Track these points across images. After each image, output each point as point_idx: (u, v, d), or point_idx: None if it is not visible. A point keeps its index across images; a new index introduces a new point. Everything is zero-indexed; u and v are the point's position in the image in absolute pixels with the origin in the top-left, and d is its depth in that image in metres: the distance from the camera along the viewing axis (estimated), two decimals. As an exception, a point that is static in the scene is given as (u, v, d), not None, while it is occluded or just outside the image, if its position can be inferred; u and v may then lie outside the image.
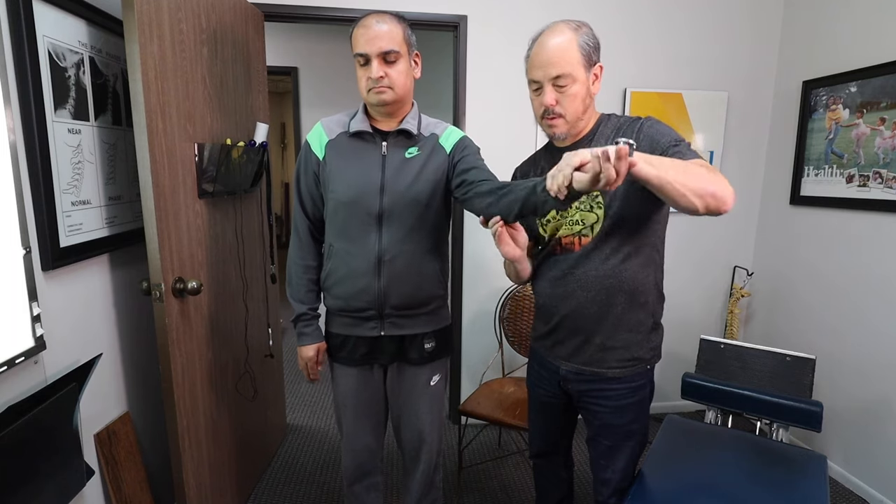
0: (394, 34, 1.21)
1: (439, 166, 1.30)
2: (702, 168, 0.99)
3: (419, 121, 1.33)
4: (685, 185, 0.93)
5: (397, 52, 1.21)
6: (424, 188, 1.28)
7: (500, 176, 1.47)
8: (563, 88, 1.13)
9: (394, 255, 1.27)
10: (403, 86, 1.25)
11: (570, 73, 1.12)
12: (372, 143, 1.29)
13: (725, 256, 2.68)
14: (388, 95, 1.23)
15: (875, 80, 2.00)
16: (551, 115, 1.17)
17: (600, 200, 1.18)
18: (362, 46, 1.20)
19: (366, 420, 1.43)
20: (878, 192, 2.00)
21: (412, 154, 1.29)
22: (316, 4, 2.18)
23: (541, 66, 1.14)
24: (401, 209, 1.26)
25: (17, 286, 1.12)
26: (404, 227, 1.27)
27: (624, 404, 1.26)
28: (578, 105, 1.16)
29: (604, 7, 2.37)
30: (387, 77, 1.21)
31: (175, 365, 1.44)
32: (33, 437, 1.12)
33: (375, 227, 1.27)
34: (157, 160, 1.35)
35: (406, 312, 1.33)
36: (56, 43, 1.28)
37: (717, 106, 2.50)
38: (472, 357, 2.58)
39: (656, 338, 1.28)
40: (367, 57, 1.20)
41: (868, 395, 2.05)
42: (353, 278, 1.30)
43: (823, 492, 1.28)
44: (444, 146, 1.31)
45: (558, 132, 1.19)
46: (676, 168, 0.94)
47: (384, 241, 1.27)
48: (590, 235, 1.20)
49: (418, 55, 1.30)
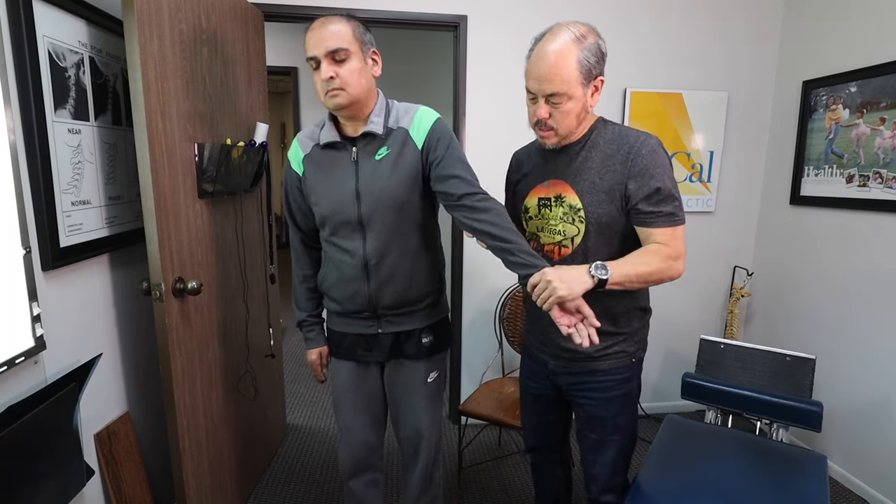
0: (342, 33, 1.17)
1: (412, 163, 1.26)
2: (658, 260, 1.10)
3: (386, 115, 1.28)
4: (645, 283, 1.12)
5: (346, 50, 1.16)
6: (399, 188, 1.25)
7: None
8: (558, 105, 1.12)
9: (379, 259, 1.27)
10: (357, 85, 1.19)
11: (565, 91, 1.10)
12: (343, 151, 1.27)
13: (725, 256, 2.68)
14: (343, 98, 1.19)
15: (875, 80, 2.00)
16: (543, 127, 1.17)
17: (582, 215, 1.18)
18: (311, 49, 1.18)
19: (363, 415, 1.43)
20: (878, 192, 2.00)
21: (382, 155, 1.25)
22: (316, 4, 2.18)
23: (536, 79, 1.12)
24: (380, 213, 1.25)
25: (17, 286, 1.12)
26: (386, 229, 1.26)
27: (610, 396, 1.27)
28: (572, 121, 1.15)
29: (604, 7, 2.37)
30: (337, 77, 1.17)
31: (175, 365, 1.44)
32: (33, 437, 1.12)
33: (359, 233, 1.27)
34: (157, 160, 1.35)
35: (400, 311, 1.34)
36: (56, 43, 1.28)
37: (717, 106, 2.50)
38: (472, 357, 2.58)
39: (641, 331, 1.30)
40: (317, 59, 1.17)
41: (868, 395, 2.05)
42: (344, 283, 1.31)
43: (823, 492, 1.28)
44: (414, 139, 1.26)
45: (549, 143, 1.19)
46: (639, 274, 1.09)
47: (368, 246, 1.27)
48: (570, 247, 1.22)
49: (376, 53, 1.25)
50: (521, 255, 1.11)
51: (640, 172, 1.12)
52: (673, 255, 1.12)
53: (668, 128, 2.47)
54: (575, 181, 1.19)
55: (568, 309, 1.05)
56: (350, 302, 1.33)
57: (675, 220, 1.14)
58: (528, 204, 1.30)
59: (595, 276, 1.03)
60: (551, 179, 1.24)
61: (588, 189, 1.17)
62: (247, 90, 1.95)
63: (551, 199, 1.24)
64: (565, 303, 1.03)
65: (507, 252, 1.13)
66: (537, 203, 1.27)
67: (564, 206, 1.21)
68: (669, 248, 1.12)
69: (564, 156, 1.22)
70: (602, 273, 1.03)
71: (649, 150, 1.13)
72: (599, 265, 1.04)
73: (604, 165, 1.16)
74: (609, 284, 1.05)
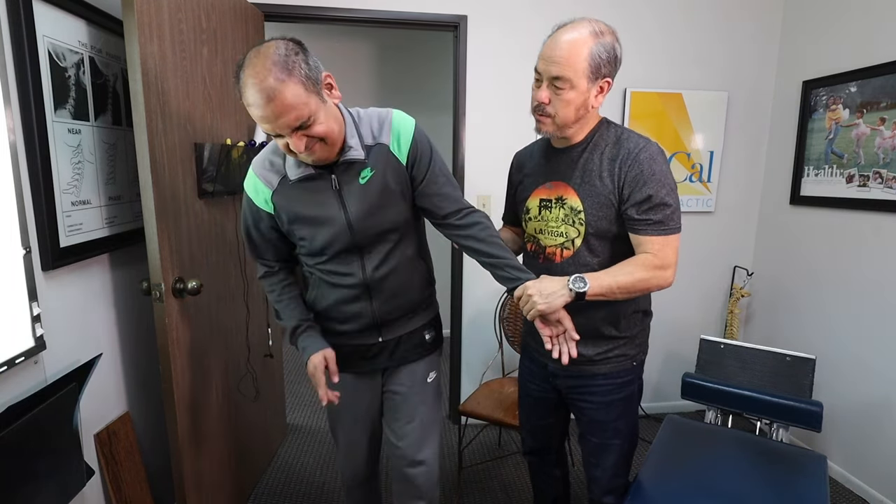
0: (298, 99, 0.96)
1: (399, 180, 1.18)
2: (642, 270, 1.12)
3: (358, 134, 1.15)
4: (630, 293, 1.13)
5: (310, 116, 0.99)
6: (391, 209, 1.18)
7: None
8: (559, 91, 1.11)
9: (381, 277, 1.21)
10: (331, 132, 1.05)
11: (569, 77, 1.09)
12: (321, 181, 1.14)
13: (725, 256, 2.68)
14: (320, 153, 1.07)
15: (875, 80, 2.00)
16: (541, 111, 1.16)
17: (583, 217, 1.18)
18: (270, 129, 1.00)
19: (363, 427, 1.39)
20: (878, 192, 2.00)
21: (367, 178, 1.15)
22: (316, 4, 2.18)
23: (545, 60, 1.11)
24: (376, 235, 1.19)
25: (17, 286, 1.12)
26: (384, 248, 1.21)
27: (611, 400, 1.27)
28: (570, 112, 1.13)
29: (604, 7, 2.37)
30: (313, 145, 1.04)
31: (175, 365, 1.44)
32: (33, 437, 1.12)
33: (356, 256, 1.20)
34: (157, 160, 1.35)
35: (403, 317, 1.30)
36: (56, 43, 1.28)
37: (717, 106, 2.50)
38: (472, 357, 2.58)
39: (642, 334, 1.29)
40: (280, 135, 1.02)
41: (868, 395, 2.05)
42: (343, 304, 1.24)
43: (823, 492, 1.28)
44: (397, 155, 1.17)
45: (544, 130, 1.18)
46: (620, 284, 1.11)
47: (368, 267, 1.20)
48: (571, 249, 1.21)
49: (329, 76, 1.05)
50: (507, 270, 1.15)
51: (635, 178, 1.12)
52: (659, 265, 1.12)
53: (668, 128, 2.47)
54: (576, 183, 1.19)
55: (549, 321, 1.10)
56: (352, 321, 1.26)
57: (664, 229, 1.13)
58: (529, 205, 1.29)
59: (573, 290, 1.07)
60: (553, 181, 1.24)
61: (589, 192, 1.17)
62: (247, 90, 1.95)
63: (552, 201, 1.23)
64: (546, 315, 1.08)
65: (493, 266, 1.17)
66: (538, 204, 1.26)
67: (566, 208, 1.20)
68: (657, 257, 1.12)
69: (567, 157, 1.22)
70: (580, 286, 1.07)
71: (647, 157, 1.12)
72: (578, 278, 1.08)
73: (605, 168, 1.16)
74: (589, 296, 1.08)
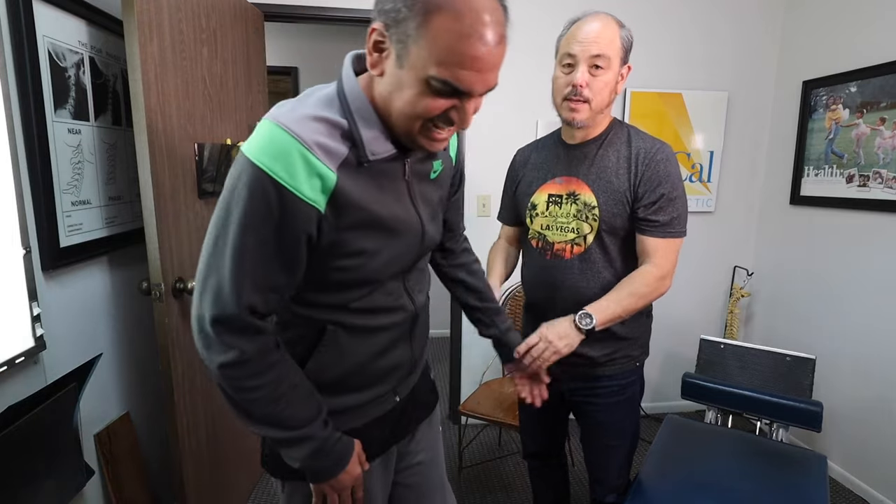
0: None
1: (450, 182, 0.97)
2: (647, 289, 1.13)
3: None
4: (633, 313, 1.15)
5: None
6: (441, 216, 0.95)
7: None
8: (598, 72, 1.09)
9: (422, 305, 0.94)
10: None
11: (610, 56, 1.09)
12: (396, 164, 0.79)
13: (725, 256, 2.68)
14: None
15: (875, 80, 2.00)
16: (577, 97, 1.10)
17: (597, 213, 1.17)
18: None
19: None
20: (878, 192, 2.00)
21: (437, 172, 0.88)
22: (316, 4, 2.18)
23: (581, 42, 1.08)
24: (430, 251, 0.95)
25: (17, 286, 1.12)
26: (422, 265, 0.94)
27: (613, 402, 1.26)
28: (606, 96, 1.12)
29: (604, 7, 2.36)
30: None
31: (175, 365, 1.44)
32: (33, 437, 1.12)
33: (400, 282, 0.87)
34: (157, 160, 1.35)
35: (422, 359, 1.01)
36: (56, 43, 1.28)
37: (717, 106, 2.49)
38: (472, 357, 2.58)
39: (644, 335, 1.29)
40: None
41: (868, 395, 2.05)
42: (380, 358, 0.88)
43: (823, 492, 1.28)
44: (450, 153, 0.95)
45: (579, 118, 1.12)
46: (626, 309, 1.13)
47: (413, 291, 0.90)
48: (582, 245, 1.20)
49: None
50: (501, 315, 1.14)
51: (651, 178, 1.12)
52: (659, 276, 1.13)
53: (668, 128, 2.47)
54: (591, 179, 1.18)
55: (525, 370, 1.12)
56: (383, 382, 0.90)
57: (670, 231, 1.13)
58: (535, 200, 1.26)
59: (582, 329, 1.09)
60: (564, 176, 1.22)
61: (604, 188, 1.16)
62: (247, 90, 1.95)
63: (563, 196, 1.21)
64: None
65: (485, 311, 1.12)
66: (546, 199, 1.24)
67: (578, 204, 1.18)
68: (657, 267, 1.13)
69: (580, 152, 1.21)
70: (587, 323, 1.09)
71: (663, 158, 1.13)
72: (583, 315, 1.10)
73: (621, 166, 1.16)
74: (598, 328, 1.10)
